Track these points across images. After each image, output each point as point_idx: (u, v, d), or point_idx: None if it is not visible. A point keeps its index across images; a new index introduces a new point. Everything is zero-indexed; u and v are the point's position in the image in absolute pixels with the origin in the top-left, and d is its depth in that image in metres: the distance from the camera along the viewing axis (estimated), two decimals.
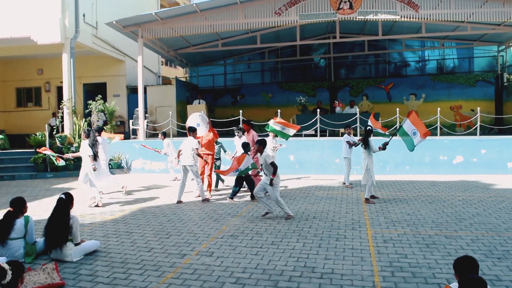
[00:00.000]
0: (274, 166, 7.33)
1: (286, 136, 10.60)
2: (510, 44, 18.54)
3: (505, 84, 18.88)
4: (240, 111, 14.89)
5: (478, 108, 14.04)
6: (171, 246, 5.99)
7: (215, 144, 10.61)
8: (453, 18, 13.61)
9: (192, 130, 9.39)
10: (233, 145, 10.82)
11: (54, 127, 15.44)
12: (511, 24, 15.17)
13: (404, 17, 13.58)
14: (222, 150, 11.06)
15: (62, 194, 5.72)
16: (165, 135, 12.75)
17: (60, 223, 5.50)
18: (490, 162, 12.74)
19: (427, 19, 13.80)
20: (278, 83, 21.82)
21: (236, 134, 10.57)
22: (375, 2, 13.53)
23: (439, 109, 13.97)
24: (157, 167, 14.39)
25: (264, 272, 4.92)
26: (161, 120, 17.00)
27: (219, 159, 11.06)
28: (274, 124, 10.59)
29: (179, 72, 28.69)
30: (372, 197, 9.00)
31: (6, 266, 3.76)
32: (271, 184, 7.30)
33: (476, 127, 13.69)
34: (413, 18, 13.61)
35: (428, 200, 8.92)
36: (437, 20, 14.08)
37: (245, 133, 10.28)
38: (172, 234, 6.64)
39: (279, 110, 14.56)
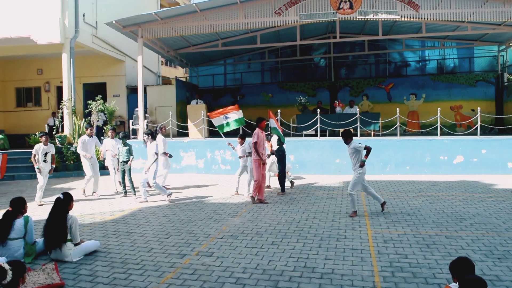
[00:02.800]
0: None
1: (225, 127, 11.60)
2: (511, 44, 18.52)
3: (506, 84, 18.86)
4: (240, 111, 14.85)
5: (479, 108, 14.03)
6: (171, 246, 5.98)
7: (123, 145, 10.04)
8: (453, 18, 13.60)
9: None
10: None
11: (54, 127, 15.44)
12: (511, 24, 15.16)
13: (404, 17, 13.57)
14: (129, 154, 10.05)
15: (61, 194, 5.72)
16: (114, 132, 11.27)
17: (58, 223, 5.50)
18: (490, 162, 12.73)
19: (427, 19, 13.78)
20: (278, 83, 21.81)
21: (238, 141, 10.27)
22: (375, 2, 13.52)
23: (439, 109, 13.95)
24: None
25: (264, 272, 4.91)
26: (161, 120, 16.97)
27: (127, 162, 10.00)
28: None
29: (179, 72, 28.70)
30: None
31: (7, 266, 3.75)
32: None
33: (477, 127, 13.67)
34: (413, 18, 13.59)
35: (428, 200, 8.91)
36: (438, 20, 14.07)
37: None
38: (172, 234, 6.63)
39: (279, 110, 14.56)
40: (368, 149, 7.47)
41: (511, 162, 12.67)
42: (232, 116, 11.82)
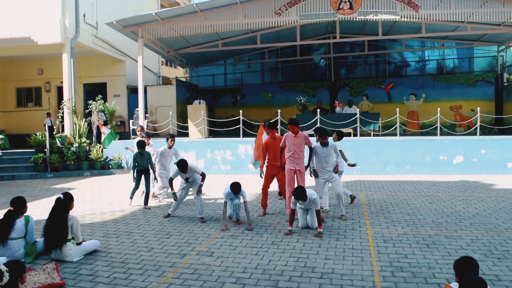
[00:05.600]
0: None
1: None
2: (510, 44, 18.54)
3: (505, 84, 18.88)
4: (240, 111, 14.90)
5: (478, 108, 14.03)
6: (171, 246, 5.99)
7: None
8: (453, 18, 13.62)
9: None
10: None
11: (53, 128, 15.45)
12: (511, 24, 15.17)
13: (404, 17, 13.58)
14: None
15: (61, 194, 5.73)
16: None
17: (59, 223, 5.50)
18: (490, 162, 12.74)
19: (427, 19, 13.80)
20: (278, 83, 21.82)
21: None
22: (375, 2, 13.53)
23: (439, 109, 13.98)
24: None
25: (264, 272, 4.92)
26: (161, 120, 17.01)
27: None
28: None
29: (179, 72, 28.73)
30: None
31: (3, 268, 3.75)
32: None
33: (476, 127, 13.69)
34: (413, 18, 13.61)
35: (428, 200, 8.92)
36: (437, 20, 14.08)
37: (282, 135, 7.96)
38: (172, 234, 6.65)
39: (279, 110, 14.57)
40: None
41: (510, 162, 12.68)
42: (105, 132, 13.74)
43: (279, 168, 7.70)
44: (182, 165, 7.38)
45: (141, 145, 8.79)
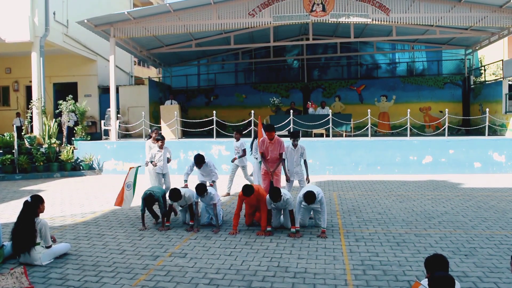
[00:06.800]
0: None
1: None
2: (477, 48, 19.14)
3: (472, 86, 19.50)
4: (214, 111, 14.87)
5: (446, 109, 14.46)
6: (144, 248, 5.93)
7: None
8: (422, 22, 13.96)
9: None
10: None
11: (22, 128, 15.04)
12: (478, 28, 15.68)
13: (375, 20, 13.83)
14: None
15: (29, 196, 5.58)
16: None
17: (26, 227, 5.36)
18: (457, 162, 13.12)
19: (397, 22, 14.09)
20: (252, 84, 21.87)
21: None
22: (347, 5, 13.73)
23: (409, 110, 14.31)
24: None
25: (238, 273, 4.93)
26: (134, 121, 16.79)
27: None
28: None
29: (152, 72, 28.38)
30: None
31: None
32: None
33: (445, 128, 14.08)
34: (384, 21, 13.88)
35: (398, 199, 9.11)
36: (407, 24, 14.39)
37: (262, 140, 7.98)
38: (144, 235, 6.58)
39: (252, 111, 14.60)
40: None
41: (477, 162, 13.10)
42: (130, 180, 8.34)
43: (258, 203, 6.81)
44: (171, 195, 6.73)
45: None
